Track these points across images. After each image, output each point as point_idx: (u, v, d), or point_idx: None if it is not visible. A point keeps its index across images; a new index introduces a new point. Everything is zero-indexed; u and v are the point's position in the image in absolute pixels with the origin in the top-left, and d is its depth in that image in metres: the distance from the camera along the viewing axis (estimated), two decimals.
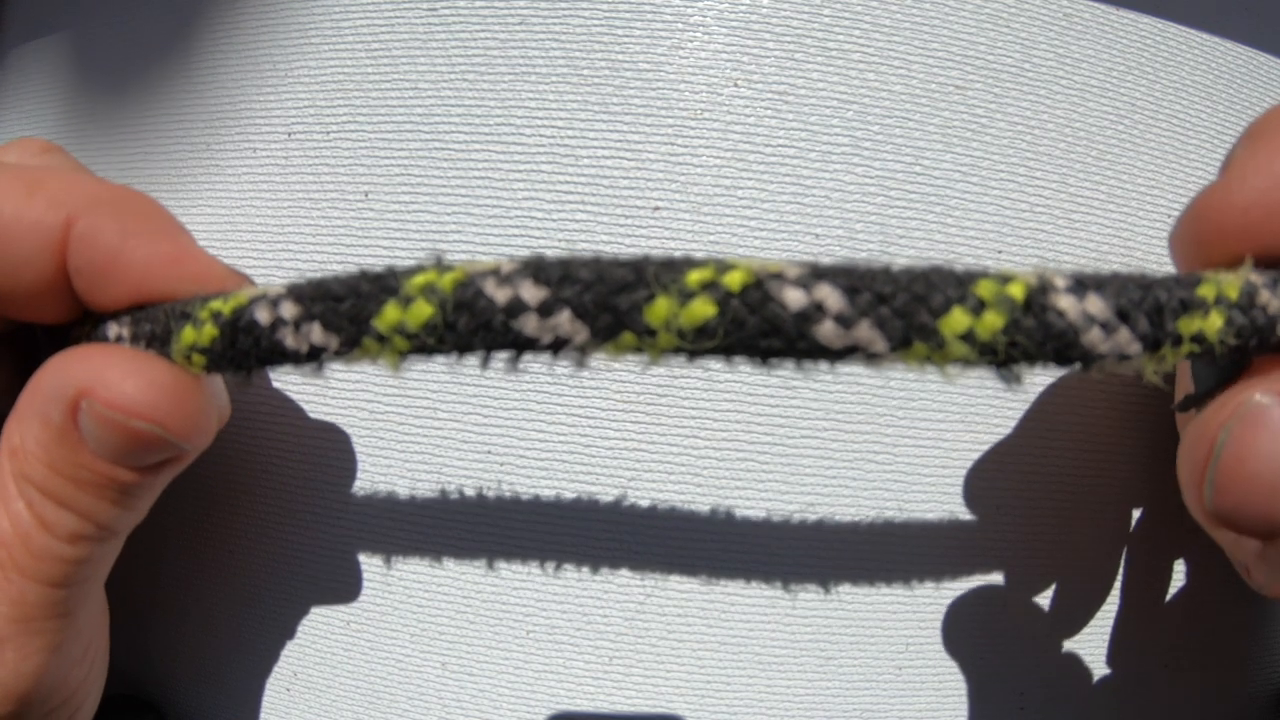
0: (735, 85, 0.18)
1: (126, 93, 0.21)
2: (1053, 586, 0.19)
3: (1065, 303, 0.11)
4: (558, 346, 0.11)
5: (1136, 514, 0.20)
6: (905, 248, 0.18)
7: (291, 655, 0.19)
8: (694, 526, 0.18)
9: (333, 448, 0.19)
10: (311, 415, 0.19)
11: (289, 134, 0.19)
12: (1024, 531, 0.19)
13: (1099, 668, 0.20)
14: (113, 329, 0.15)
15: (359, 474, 0.19)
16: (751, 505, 0.18)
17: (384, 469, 0.18)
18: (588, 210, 0.18)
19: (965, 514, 0.19)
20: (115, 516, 0.14)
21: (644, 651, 0.18)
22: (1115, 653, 0.20)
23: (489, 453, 0.18)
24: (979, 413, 0.18)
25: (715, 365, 0.17)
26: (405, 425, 0.18)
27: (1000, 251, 0.18)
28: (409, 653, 0.18)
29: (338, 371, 0.19)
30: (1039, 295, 0.11)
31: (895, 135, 0.18)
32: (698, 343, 0.11)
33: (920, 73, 0.18)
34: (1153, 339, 0.11)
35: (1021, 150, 0.18)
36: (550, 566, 0.18)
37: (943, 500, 0.18)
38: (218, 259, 0.15)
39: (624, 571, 0.18)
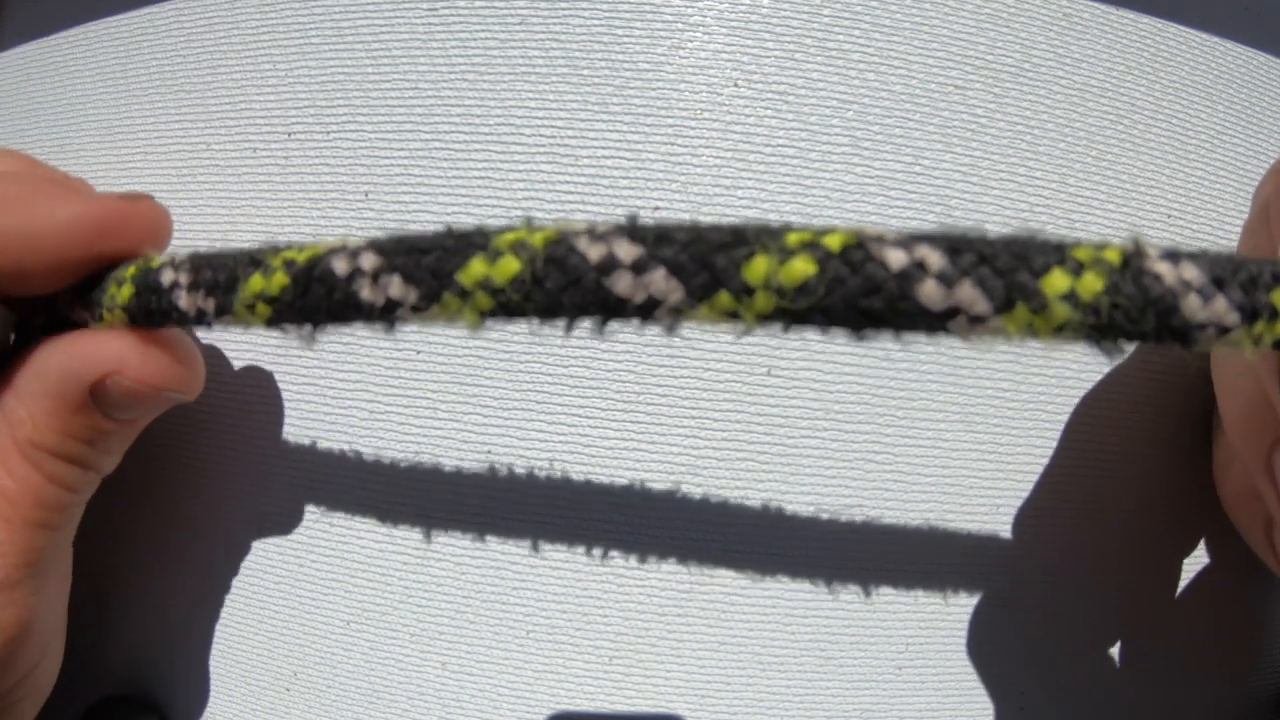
0: (735, 85, 0.18)
1: (126, 93, 0.21)
2: (1050, 587, 0.19)
3: (1162, 267, 0.11)
4: (649, 309, 0.11)
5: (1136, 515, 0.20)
6: None
7: (291, 655, 0.19)
8: (693, 527, 0.18)
9: (336, 450, 0.19)
10: (313, 416, 0.19)
11: (289, 134, 0.19)
12: (1022, 532, 0.19)
13: (1100, 668, 0.20)
14: (168, 275, 0.14)
15: (359, 475, 0.19)
16: (752, 505, 0.18)
17: (384, 470, 0.18)
18: (588, 210, 0.18)
19: (964, 515, 0.19)
20: (110, 460, 0.17)
21: (644, 651, 0.18)
22: (1117, 652, 0.20)
23: (489, 453, 0.18)
24: (979, 413, 0.18)
25: (810, 335, 0.16)
26: (406, 426, 0.18)
27: None
28: (409, 653, 0.18)
29: (338, 373, 0.19)
30: (1135, 259, 0.11)
31: (895, 135, 0.18)
32: (796, 302, 0.11)
33: (920, 73, 0.18)
34: (1250, 309, 0.11)
35: (1021, 150, 0.18)
36: (550, 567, 0.18)
37: (942, 500, 0.18)
38: (111, 194, 0.16)
39: (624, 572, 0.18)
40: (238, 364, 0.19)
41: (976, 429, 0.18)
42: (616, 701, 0.18)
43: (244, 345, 0.19)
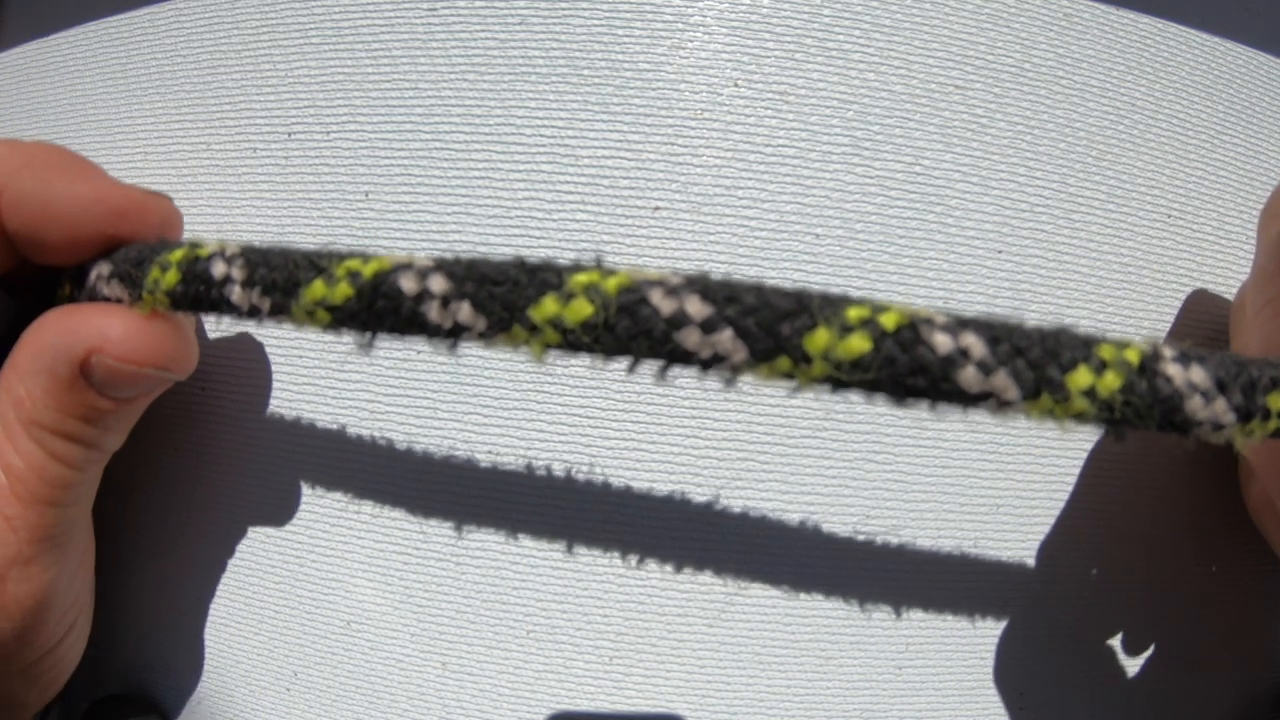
0: (735, 85, 0.18)
1: (127, 93, 0.21)
2: (1048, 584, 0.19)
3: (1173, 370, 0.12)
4: (712, 363, 0.12)
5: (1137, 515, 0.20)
6: (905, 247, 0.18)
7: (291, 655, 0.19)
8: (694, 527, 0.18)
9: (336, 450, 0.19)
10: (314, 416, 0.19)
11: (289, 134, 0.19)
12: (1022, 532, 0.19)
13: (1100, 667, 0.20)
14: (219, 267, 0.14)
15: (359, 475, 0.19)
16: (752, 506, 0.18)
17: (385, 469, 0.18)
18: (588, 210, 0.18)
19: (965, 514, 0.19)
20: (112, 439, 0.17)
21: (644, 651, 0.18)
22: (1117, 652, 0.20)
23: (490, 452, 0.18)
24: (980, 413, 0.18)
25: (854, 399, 0.17)
26: (406, 426, 0.18)
27: (1000, 251, 0.18)
28: (409, 653, 0.18)
29: (339, 372, 0.19)
30: (1151, 361, 0.12)
31: (895, 135, 0.18)
32: (850, 374, 0.11)
33: (920, 73, 0.18)
34: (1245, 410, 0.12)
35: (1021, 150, 0.18)
36: (551, 566, 0.18)
37: (942, 501, 0.18)
38: (134, 185, 0.16)
39: (624, 572, 0.18)
40: (235, 362, 0.19)
41: (977, 428, 0.18)
42: (616, 701, 0.18)
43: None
